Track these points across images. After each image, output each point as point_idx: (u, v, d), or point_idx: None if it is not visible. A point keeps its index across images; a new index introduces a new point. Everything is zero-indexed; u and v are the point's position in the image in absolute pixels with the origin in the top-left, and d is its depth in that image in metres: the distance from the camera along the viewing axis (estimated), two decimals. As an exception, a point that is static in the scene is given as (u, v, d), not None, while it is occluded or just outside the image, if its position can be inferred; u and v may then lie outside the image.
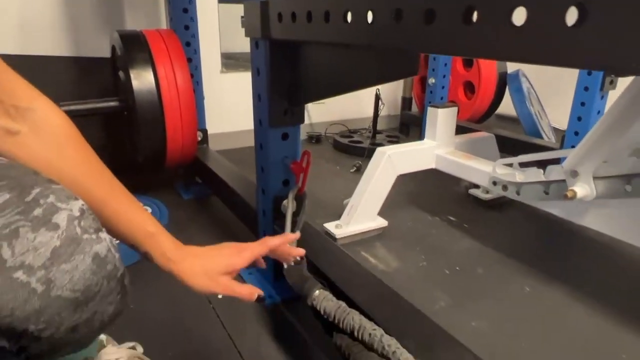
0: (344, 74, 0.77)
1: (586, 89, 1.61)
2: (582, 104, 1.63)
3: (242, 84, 2.21)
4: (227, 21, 2.09)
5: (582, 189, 0.98)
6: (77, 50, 1.76)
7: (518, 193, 1.15)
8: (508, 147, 1.83)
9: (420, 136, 2.26)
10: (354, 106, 2.56)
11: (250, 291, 0.63)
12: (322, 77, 0.83)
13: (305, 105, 1.54)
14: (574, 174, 0.99)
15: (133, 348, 0.79)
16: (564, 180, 1.02)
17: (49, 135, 0.55)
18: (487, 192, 1.55)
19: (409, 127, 2.43)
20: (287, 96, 0.91)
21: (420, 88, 2.38)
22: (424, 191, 1.66)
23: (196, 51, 1.57)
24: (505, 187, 1.18)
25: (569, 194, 0.98)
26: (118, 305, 0.50)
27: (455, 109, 1.40)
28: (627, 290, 1.11)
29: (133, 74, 1.38)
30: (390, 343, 0.61)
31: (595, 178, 0.97)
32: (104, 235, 0.47)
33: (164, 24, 1.87)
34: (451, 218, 1.48)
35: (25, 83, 0.55)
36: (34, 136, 0.54)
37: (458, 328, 0.90)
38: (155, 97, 1.39)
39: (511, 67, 2.25)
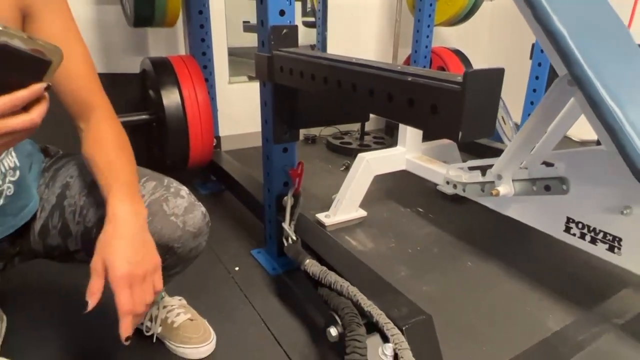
0: (324, 113, 1.10)
1: (537, 77, 2.04)
2: (534, 90, 2.04)
3: (245, 93, 2.54)
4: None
5: (504, 188, 1.32)
6: (109, 68, 2.11)
7: (464, 190, 1.49)
8: (474, 150, 2.18)
9: (402, 138, 2.61)
10: (346, 110, 2.90)
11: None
12: (310, 112, 1.17)
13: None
14: (499, 177, 1.33)
15: (180, 300, 1.14)
16: (493, 182, 1.36)
17: (94, 131, 0.79)
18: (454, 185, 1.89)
19: (393, 129, 2.76)
20: (287, 122, 1.25)
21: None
22: (399, 188, 2.00)
23: (211, 73, 1.91)
24: (455, 186, 1.53)
25: (494, 192, 1.32)
26: (205, 242, 0.88)
27: (421, 122, 1.74)
28: (536, 262, 1.46)
29: (163, 94, 1.72)
30: (354, 290, 0.96)
31: (514, 180, 1.32)
32: (200, 204, 0.86)
33: (181, 49, 2.20)
34: (419, 209, 1.83)
35: (96, 93, 0.80)
36: (87, 133, 0.80)
37: (411, 290, 1.25)
38: (181, 112, 1.73)
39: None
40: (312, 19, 3.02)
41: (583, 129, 1.32)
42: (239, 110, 2.53)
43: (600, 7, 1.17)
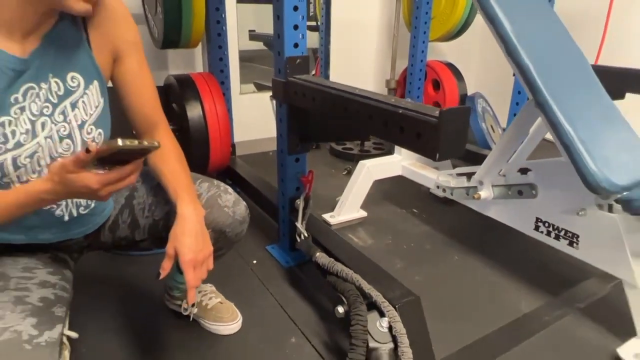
0: (331, 131, 1.32)
1: (519, 92, 2.28)
2: (517, 103, 2.25)
3: (254, 103, 2.76)
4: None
5: (485, 193, 1.54)
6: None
7: (452, 194, 1.71)
8: (464, 156, 2.40)
9: (400, 143, 2.83)
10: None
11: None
12: (319, 129, 1.39)
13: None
14: (481, 183, 1.55)
15: (211, 286, 1.36)
16: (475, 187, 1.58)
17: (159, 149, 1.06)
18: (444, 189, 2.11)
19: (392, 135, 2.99)
20: (299, 136, 1.47)
21: (401, 104, 2.94)
22: (396, 191, 2.22)
23: (228, 88, 2.13)
24: (444, 190, 1.75)
25: (476, 196, 1.54)
26: (246, 229, 1.11)
27: (415, 133, 1.96)
28: (512, 256, 1.68)
29: (187, 107, 1.94)
30: (357, 277, 1.18)
31: (493, 186, 1.54)
32: (241, 199, 1.09)
33: (197, 63, 2.43)
34: (414, 210, 2.05)
35: (159, 113, 1.03)
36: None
37: (404, 279, 1.47)
38: (203, 124, 1.95)
39: (470, 89, 2.82)
40: (314, 23, 3.25)
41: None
42: (248, 118, 2.74)
43: (563, 41, 1.40)
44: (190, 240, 0.87)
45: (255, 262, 1.63)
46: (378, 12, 3.05)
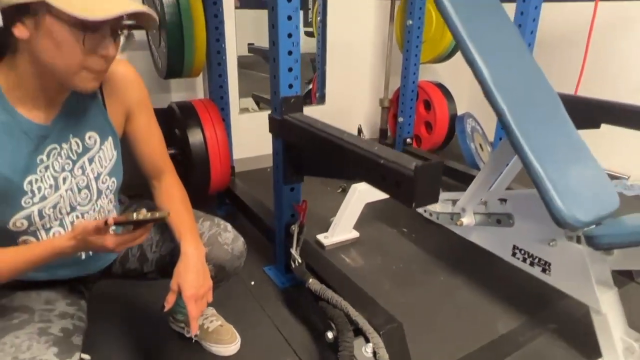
0: (323, 167, 1.43)
1: None
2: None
3: (253, 121, 2.87)
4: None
5: (467, 219, 1.65)
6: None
7: (437, 218, 1.83)
8: (454, 175, 2.51)
9: (393, 160, 2.95)
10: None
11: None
12: (312, 164, 1.50)
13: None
14: (463, 210, 1.67)
15: (212, 309, 1.47)
16: (459, 213, 1.69)
17: (166, 189, 1.16)
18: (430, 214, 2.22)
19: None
20: (294, 168, 1.58)
21: (394, 122, 3.04)
22: (387, 212, 2.33)
23: (228, 114, 2.24)
24: (430, 214, 1.86)
25: (459, 223, 1.66)
26: (244, 262, 1.21)
27: (405, 158, 2.07)
28: (493, 278, 1.79)
29: (189, 133, 2.05)
30: (345, 304, 1.29)
31: (475, 213, 1.65)
32: (240, 235, 1.19)
33: (198, 86, 2.54)
34: (404, 229, 2.16)
35: (166, 161, 1.16)
36: (160, 191, 1.16)
37: (391, 301, 1.59)
38: (204, 148, 2.06)
39: (462, 108, 2.93)
40: (310, 29, 3.37)
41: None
42: (247, 136, 2.85)
43: (537, 82, 1.51)
44: (192, 277, 0.98)
45: (253, 283, 1.74)
46: (372, 33, 3.16)
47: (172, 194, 1.13)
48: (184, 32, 1.85)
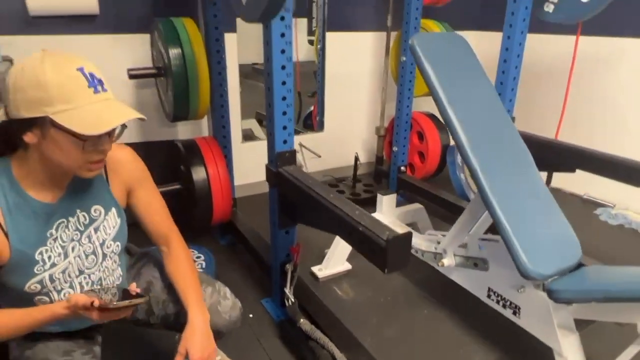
0: (315, 218, 1.58)
1: None
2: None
3: (255, 151, 3.01)
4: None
5: (448, 260, 1.79)
6: (145, 137, 2.60)
7: (422, 256, 1.97)
8: (443, 205, 2.65)
9: (388, 185, 3.09)
10: (343, 158, 3.39)
11: None
12: (305, 213, 1.65)
13: (302, 157, 2.42)
14: (445, 251, 1.81)
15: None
16: (441, 253, 1.83)
17: (174, 256, 1.30)
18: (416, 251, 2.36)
19: (381, 177, 3.24)
20: (288, 214, 1.73)
21: (389, 150, 3.19)
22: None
23: (230, 151, 2.39)
24: (416, 251, 2.00)
25: (440, 263, 1.80)
26: (240, 323, 1.35)
27: (394, 195, 2.21)
28: (472, 314, 1.91)
29: (193, 170, 2.20)
30: (331, 346, 1.44)
31: (455, 255, 1.79)
32: (238, 300, 1.34)
33: (203, 123, 2.69)
34: (394, 261, 2.30)
35: (171, 227, 1.31)
36: (170, 260, 1.31)
37: (377, 335, 1.73)
38: (207, 185, 2.21)
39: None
40: (312, 38, 3.52)
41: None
42: (249, 163, 2.98)
43: (509, 138, 1.65)
44: (198, 342, 1.13)
45: (251, 315, 1.89)
46: (370, 65, 3.31)
47: (180, 261, 1.27)
48: (189, 82, 2.01)
